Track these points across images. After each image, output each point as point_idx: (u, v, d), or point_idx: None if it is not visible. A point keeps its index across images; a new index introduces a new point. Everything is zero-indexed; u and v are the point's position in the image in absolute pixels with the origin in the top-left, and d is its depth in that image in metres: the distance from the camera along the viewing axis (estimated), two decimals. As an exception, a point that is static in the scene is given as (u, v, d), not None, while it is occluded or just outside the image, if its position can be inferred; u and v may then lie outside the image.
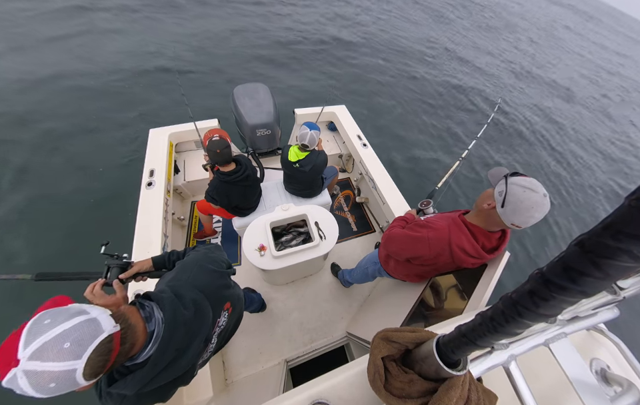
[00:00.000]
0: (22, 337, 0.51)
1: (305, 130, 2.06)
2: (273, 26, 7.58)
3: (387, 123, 5.47)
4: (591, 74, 11.98)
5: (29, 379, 0.49)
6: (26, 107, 4.03)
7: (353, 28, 8.68)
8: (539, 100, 8.29)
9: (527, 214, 0.92)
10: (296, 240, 2.23)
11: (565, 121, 7.72)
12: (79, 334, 0.53)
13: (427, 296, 1.43)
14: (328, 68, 6.51)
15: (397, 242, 1.35)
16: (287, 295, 2.36)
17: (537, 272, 0.36)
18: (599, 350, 0.80)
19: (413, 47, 8.79)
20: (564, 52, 13.68)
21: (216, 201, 2.06)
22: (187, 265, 0.94)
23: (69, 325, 0.53)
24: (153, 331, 0.71)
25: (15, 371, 0.49)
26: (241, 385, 1.88)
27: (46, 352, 0.50)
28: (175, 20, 6.85)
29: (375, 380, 0.59)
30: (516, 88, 8.58)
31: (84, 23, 5.96)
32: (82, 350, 0.53)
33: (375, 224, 2.99)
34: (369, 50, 7.78)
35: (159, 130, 2.59)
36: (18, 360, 0.49)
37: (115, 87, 4.66)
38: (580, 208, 5.16)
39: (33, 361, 0.49)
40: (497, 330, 0.42)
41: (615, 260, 0.28)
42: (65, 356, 0.51)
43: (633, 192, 0.27)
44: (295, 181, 2.42)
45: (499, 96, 6.63)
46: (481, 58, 9.63)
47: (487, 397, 0.54)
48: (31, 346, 0.50)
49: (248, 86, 2.91)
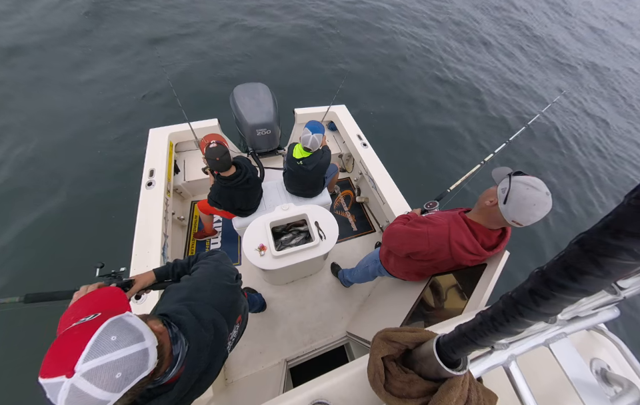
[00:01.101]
0: (87, 347, 0.50)
1: (307, 133, 2.04)
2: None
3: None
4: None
5: (70, 395, 0.47)
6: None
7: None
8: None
9: (529, 212, 0.92)
10: (296, 240, 2.23)
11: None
12: (130, 365, 0.52)
13: (427, 295, 1.43)
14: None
15: (397, 237, 1.36)
16: (287, 295, 2.36)
17: (538, 271, 0.36)
18: (599, 350, 0.80)
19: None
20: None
21: (219, 205, 2.07)
22: (200, 283, 0.92)
23: (128, 352, 0.53)
24: (178, 354, 0.69)
25: (64, 380, 0.47)
26: (241, 385, 1.88)
27: (99, 375, 0.49)
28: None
29: (375, 379, 0.59)
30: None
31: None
32: (125, 384, 0.52)
33: (375, 224, 2.99)
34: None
35: (159, 130, 2.59)
36: (73, 371, 0.48)
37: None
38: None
39: (84, 380, 0.48)
40: (497, 329, 0.42)
41: (616, 259, 0.28)
42: (111, 387, 0.50)
43: (633, 190, 0.27)
44: (296, 181, 2.42)
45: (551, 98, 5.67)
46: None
47: (487, 397, 0.54)
48: (90, 362, 0.49)
49: (248, 85, 2.91)
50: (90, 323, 0.54)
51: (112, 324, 0.54)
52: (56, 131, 3.81)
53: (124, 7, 6.08)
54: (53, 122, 3.90)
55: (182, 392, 0.69)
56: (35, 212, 3.04)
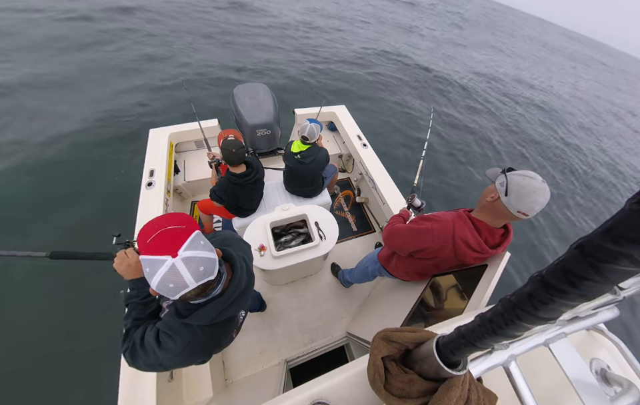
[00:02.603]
0: (187, 241, 0.68)
1: (306, 123, 2.15)
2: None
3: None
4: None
5: (168, 272, 0.65)
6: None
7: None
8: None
9: (531, 199, 0.93)
10: (296, 241, 2.23)
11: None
12: (208, 266, 0.71)
13: (427, 296, 1.43)
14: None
15: (400, 235, 1.36)
16: (287, 295, 2.36)
17: (537, 275, 0.36)
18: (599, 350, 0.80)
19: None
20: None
21: (222, 200, 2.06)
22: (226, 236, 1.10)
23: (209, 255, 0.72)
24: (222, 274, 0.83)
25: (168, 259, 0.65)
26: (241, 385, 1.88)
27: (192, 263, 0.67)
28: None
29: (375, 380, 0.59)
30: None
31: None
32: (204, 277, 0.70)
33: (375, 224, 2.99)
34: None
35: (159, 130, 2.59)
36: (177, 254, 0.66)
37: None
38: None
39: (182, 263, 0.66)
40: (495, 332, 0.42)
41: (615, 264, 0.28)
42: (195, 275, 0.68)
43: (633, 196, 0.27)
44: (295, 179, 2.42)
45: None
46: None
47: (487, 397, 0.54)
48: (189, 252, 0.67)
49: (248, 86, 2.91)
50: (182, 230, 0.71)
51: (198, 234, 0.73)
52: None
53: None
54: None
55: (228, 300, 0.83)
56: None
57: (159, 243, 0.67)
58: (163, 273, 0.64)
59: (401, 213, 1.65)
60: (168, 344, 0.79)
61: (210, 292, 0.79)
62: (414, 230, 1.28)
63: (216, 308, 0.80)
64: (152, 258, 0.65)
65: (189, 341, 0.80)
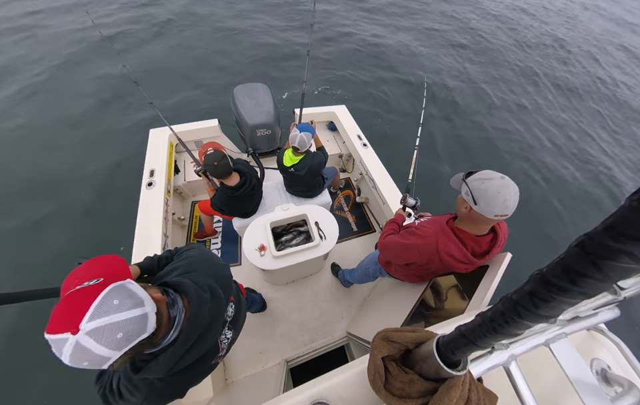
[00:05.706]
0: (91, 308, 0.54)
1: (295, 132, 2.00)
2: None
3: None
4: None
5: (74, 350, 0.51)
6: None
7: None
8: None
9: (499, 201, 0.92)
10: (296, 240, 2.23)
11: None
12: (131, 328, 0.57)
13: (428, 296, 1.43)
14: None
15: (390, 249, 1.37)
16: (287, 295, 2.36)
17: (537, 273, 0.36)
18: (599, 350, 0.79)
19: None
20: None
21: (224, 211, 2.08)
22: (192, 260, 0.96)
23: (129, 315, 0.57)
24: (175, 317, 0.73)
25: (69, 337, 0.51)
26: (241, 385, 1.88)
27: (102, 334, 0.53)
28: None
29: (375, 380, 0.59)
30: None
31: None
32: (126, 344, 0.56)
33: (375, 224, 2.99)
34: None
35: (159, 131, 2.59)
36: (78, 329, 0.51)
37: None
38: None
39: (88, 337, 0.52)
40: (496, 331, 0.42)
41: (616, 262, 0.28)
42: (112, 346, 0.54)
43: (634, 192, 0.27)
44: (293, 183, 2.42)
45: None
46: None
47: (487, 397, 0.54)
48: (95, 322, 0.53)
49: (248, 86, 2.91)
50: (94, 286, 0.57)
51: (114, 289, 0.58)
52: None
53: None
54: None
55: (187, 343, 0.72)
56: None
57: (60, 314, 0.53)
58: (69, 353, 0.51)
59: (395, 218, 1.63)
60: (128, 397, 0.72)
61: (161, 341, 0.69)
62: (401, 245, 1.27)
63: (170, 358, 0.70)
64: (52, 337, 0.51)
65: (145, 396, 0.72)
